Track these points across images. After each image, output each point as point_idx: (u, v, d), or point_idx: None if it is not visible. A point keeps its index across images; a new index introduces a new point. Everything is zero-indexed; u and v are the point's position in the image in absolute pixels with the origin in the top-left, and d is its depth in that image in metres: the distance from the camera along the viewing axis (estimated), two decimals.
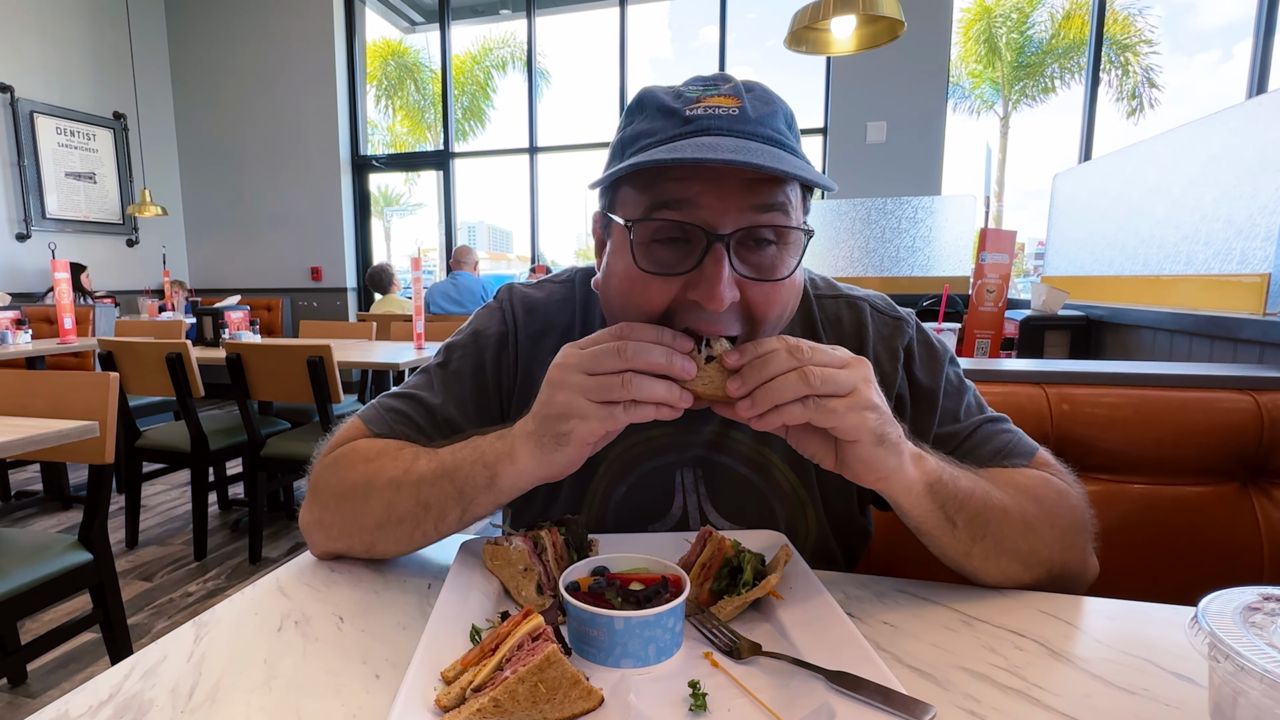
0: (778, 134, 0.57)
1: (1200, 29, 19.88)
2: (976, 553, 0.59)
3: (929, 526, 0.58)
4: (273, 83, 6.09)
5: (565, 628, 0.50)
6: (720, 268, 0.54)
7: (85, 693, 0.46)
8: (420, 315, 3.01)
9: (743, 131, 0.56)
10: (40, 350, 3.18)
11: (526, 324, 0.75)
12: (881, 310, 0.74)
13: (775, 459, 0.72)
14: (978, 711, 0.44)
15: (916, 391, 0.71)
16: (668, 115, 0.58)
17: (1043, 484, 0.64)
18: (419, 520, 0.62)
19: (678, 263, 0.57)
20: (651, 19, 17.93)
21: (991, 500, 0.59)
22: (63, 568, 1.49)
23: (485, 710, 0.40)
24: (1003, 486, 0.61)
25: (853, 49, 2.43)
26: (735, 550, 0.56)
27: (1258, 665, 0.31)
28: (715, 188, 0.55)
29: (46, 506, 3.22)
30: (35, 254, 5.15)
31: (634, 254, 0.58)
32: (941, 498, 0.57)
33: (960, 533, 0.58)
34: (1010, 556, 0.60)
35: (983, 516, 0.58)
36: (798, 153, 0.59)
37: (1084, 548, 0.64)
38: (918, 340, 0.73)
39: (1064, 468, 0.69)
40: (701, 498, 0.72)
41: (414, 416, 0.71)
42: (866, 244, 4.65)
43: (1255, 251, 1.79)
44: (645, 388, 0.51)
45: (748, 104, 0.57)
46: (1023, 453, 0.69)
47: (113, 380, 1.51)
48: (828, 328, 0.74)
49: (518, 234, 37.28)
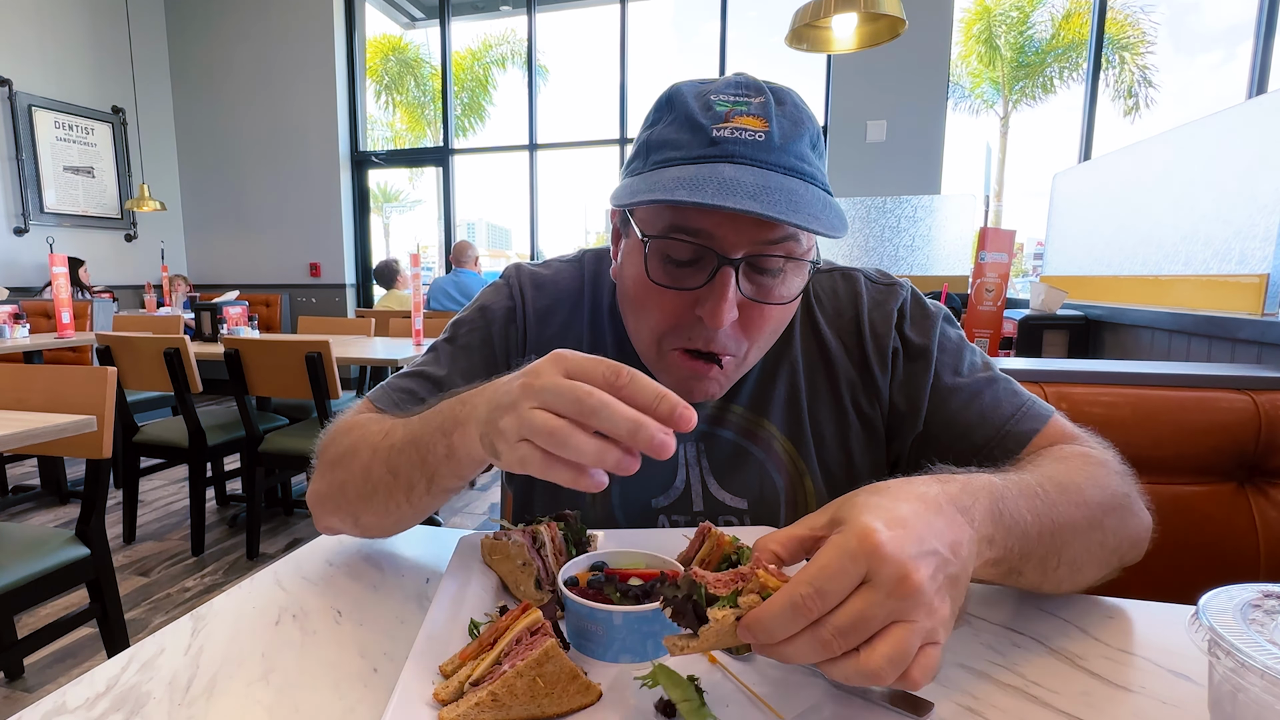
0: (801, 161, 0.58)
1: (1203, 30, 19.87)
2: (1049, 583, 0.54)
3: (986, 580, 0.51)
4: (272, 78, 6.08)
5: (564, 623, 0.50)
6: (726, 289, 0.57)
7: (82, 685, 0.46)
8: (419, 311, 3.01)
9: (765, 162, 0.57)
10: (38, 345, 3.17)
11: (535, 299, 0.76)
12: (875, 280, 0.75)
13: (774, 430, 0.72)
14: (976, 709, 0.44)
15: (910, 348, 0.71)
16: (695, 130, 0.58)
17: (1084, 463, 0.59)
18: (391, 490, 0.59)
19: (687, 279, 0.59)
20: (652, 16, 17.92)
21: (1059, 525, 0.51)
22: (60, 562, 1.48)
23: (483, 704, 0.40)
24: (1058, 493, 0.53)
25: (854, 47, 2.43)
26: (734, 546, 0.56)
27: (1258, 661, 0.31)
28: (731, 221, 0.57)
29: (44, 501, 3.22)
30: (33, 248, 5.14)
31: (646, 265, 0.60)
32: (1006, 566, 0.49)
33: (1029, 576, 0.52)
34: (1087, 567, 0.55)
35: (1054, 551, 0.51)
36: (818, 180, 0.59)
37: (1140, 510, 0.60)
38: (911, 301, 0.73)
39: (1082, 430, 0.66)
40: (704, 471, 0.72)
41: (420, 393, 0.72)
42: (866, 242, 4.65)
43: (1254, 252, 1.79)
44: (576, 447, 0.41)
45: (775, 128, 0.58)
46: (1039, 414, 0.66)
47: (110, 375, 1.51)
48: (823, 300, 0.75)
49: (517, 231, 37.30)
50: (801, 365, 0.72)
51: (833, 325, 0.73)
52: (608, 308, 0.76)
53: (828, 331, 0.73)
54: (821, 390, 0.72)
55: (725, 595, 0.38)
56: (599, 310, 0.76)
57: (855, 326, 0.72)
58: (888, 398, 0.71)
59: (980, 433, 0.66)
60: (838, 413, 0.72)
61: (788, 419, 0.71)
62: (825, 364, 0.72)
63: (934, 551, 0.38)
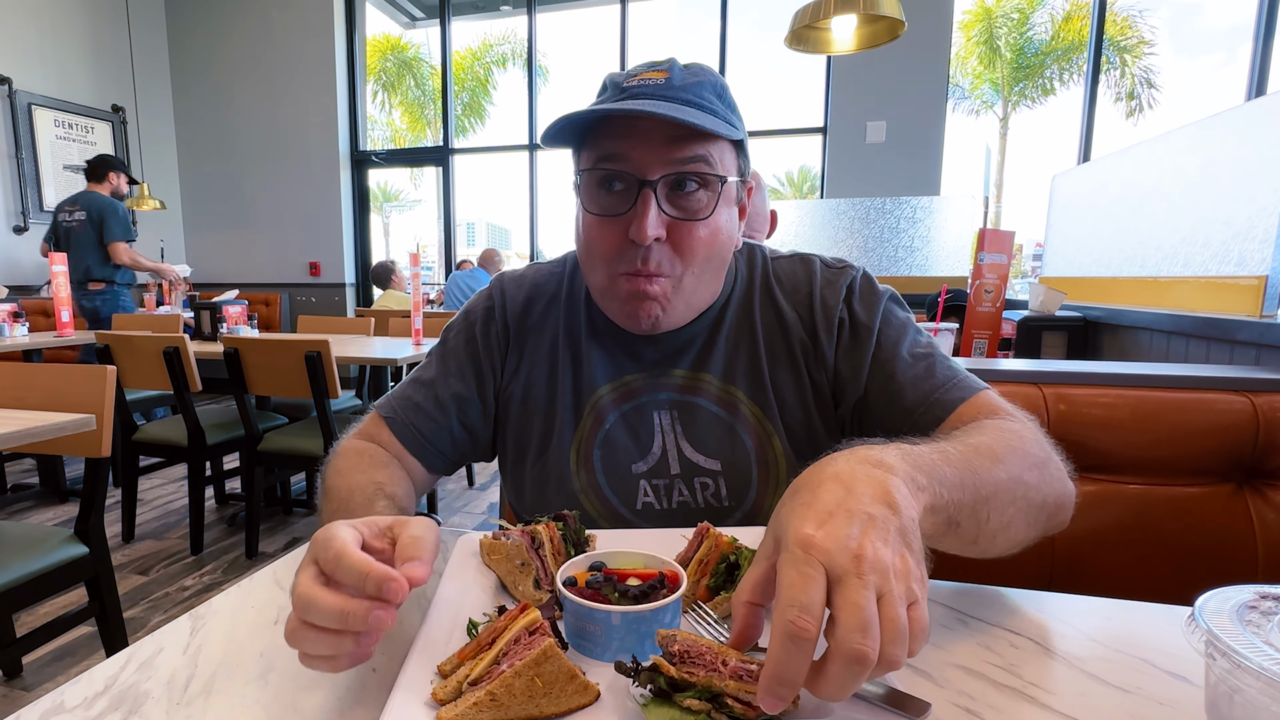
0: (698, 99, 0.67)
1: (1205, 31, 19.87)
2: (983, 540, 0.55)
3: (933, 544, 0.51)
4: (272, 77, 6.07)
5: (562, 623, 0.50)
6: (647, 205, 0.66)
7: (81, 684, 0.46)
8: (419, 311, 3.01)
9: (664, 96, 0.66)
10: (37, 343, 3.17)
11: (514, 296, 0.84)
12: (829, 264, 0.81)
13: (740, 395, 0.77)
14: (973, 709, 0.44)
15: (855, 321, 0.76)
16: (613, 88, 0.70)
17: (999, 431, 0.61)
18: None
19: (617, 205, 0.68)
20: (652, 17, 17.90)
21: (982, 481, 0.53)
22: (59, 560, 1.48)
23: (482, 704, 0.40)
24: (972, 452, 0.55)
25: (853, 48, 2.43)
26: (733, 546, 0.56)
27: (1254, 663, 0.31)
28: (643, 143, 0.66)
29: (43, 499, 3.21)
30: (32, 246, 5.13)
31: (584, 202, 0.70)
32: (944, 515, 0.50)
33: (965, 529, 0.52)
34: (1015, 528, 0.56)
35: (982, 504, 0.52)
36: (717, 113, 0.68)
37: (1061, 474, 0.61)
38: (860, 279, 0.79)
39: (1012, 406, 0.69)
40: (679, 436, 0.77)
41: (417, 399, 0.79)
42: (865, 243, 4.66)
43: (1253, 254, 1.79)
44: (311, 643, 0.42)
45: (675, 75, 0.68)
46: (968, 387, 0.70)
47: (110, 373, 1.51)
48: (782, 279, 0.81)
49: (516, 231, 37.32)
50: (762, 336, 0.78)
51: (789, 299, 0.80)
52: (584, 294, 0.82)
53: (785, 305, 0.79)
54: (781, 357, 0.78)
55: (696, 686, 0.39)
56: (575, 297, 0.83)
57: (809, 301, 0.78)
58: (833, 364, 0.76)
59: (910, 397, 0.71)
60: (795, 377, 0.77)
61: (752, 384, 0.77)
62: (783, 333, 0.78)
63: (869, 517, 0.39)
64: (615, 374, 0.79)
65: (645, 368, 0.78)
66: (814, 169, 7.77)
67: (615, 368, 0.79)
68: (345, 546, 0.42)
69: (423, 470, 0.79)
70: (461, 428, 0.80)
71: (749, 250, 0.85)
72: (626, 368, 0.79)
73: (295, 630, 0.42)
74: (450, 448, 0.80)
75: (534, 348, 0.81)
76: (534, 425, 0.80)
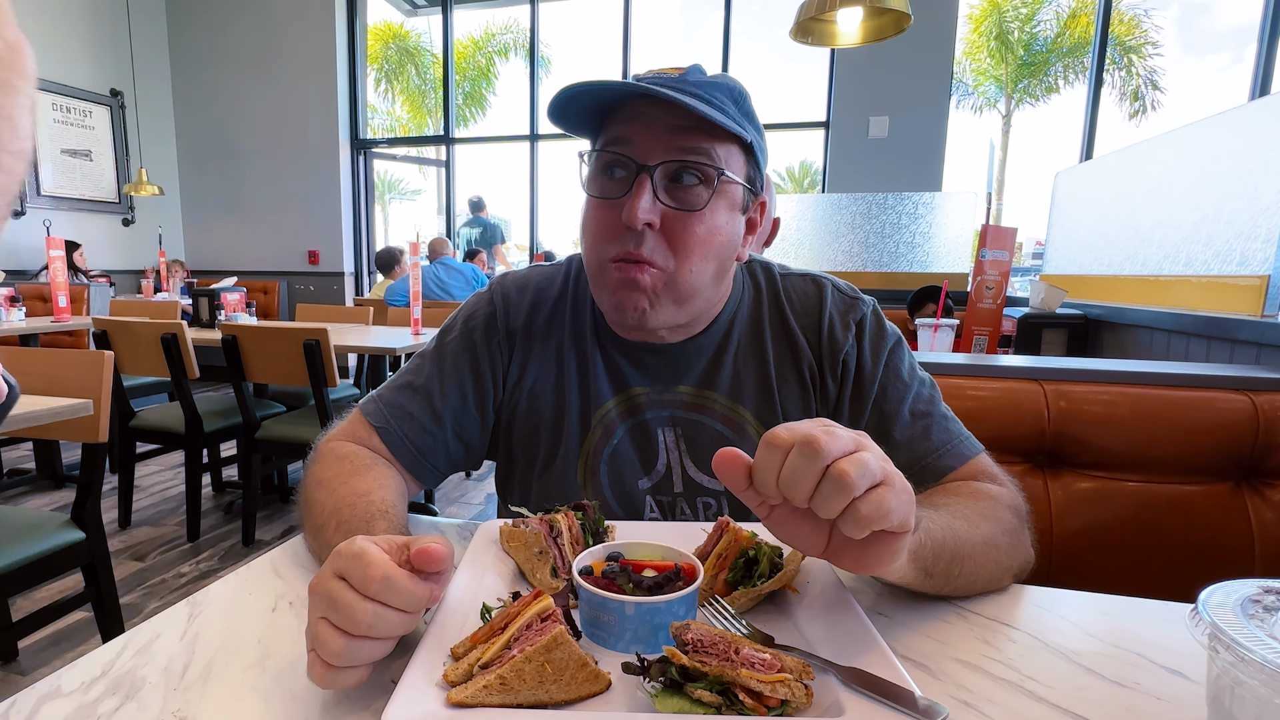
0: (709, 96, 0.66)
1: (1212, 31, 19.78)
2: (948, 589, 0.57)
3: (905, 582, 0.54)
4: (273, 63, 6.03)
5: (577, 611, 0.50)
6: (642, 189, 0.65)
7: (78, 669, 0.46)
8: (418, 300, 3.00)
9: (674, 86, 0.65)
10: (34, 328, 3.16)
11: (516, 301, 0.81)
12: (842, 290, 0.80)
13: (747, 414, 0.76)
14: (971, 702, 0.44)
15: (861, 366, 0.76)
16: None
17: (977, 497, 0.65)
18: (317, 556, 0.63)
19: (616, 189, 0.68)
20: (656, 8, 17.78)
21: (961, 541, 0.56)
22: (55, 546, 1.48)
23: (491, 687, 0.40)
24: (965, 516, 0.59)
25: (858, 42, 2.41)
26: (752, 541, 0.56)
27: (1258, 655, 0.31)
28: (648, 129, 0.66)
29: (39, 485, 3.21)
30: (30, 231, 5.11)
31: (584, 184, 0.71)
32: (920, 560, 0.52)
33: (936, 579, 0.55)
34: (979, 582, 0.59)
35: (956, 561, 0.55)
36: (727, 113, 0.66)
37: (1026, 543, 0.65)
38: (870, 317, 0.78)
39: (1001, 472, 0.71)
40: (683, 454, 0.76)
41: (409, 406, 0.76)
42: (866, 239, 4.64)
43: (1255, 253, 1.79)
44: (333, 651, 0.41)
45: (691, 73, 0.68)
46: (960, 453, 0.71)
47: (107, 359, 1.50)
48: (794, 299, 0.80)
49: (517, 222, 37.21)
50: (772, 356, 0.78)
51: (800, 321, 0.79)
52: (589, 299, 0.80)
53: (795, 326, 0.78)
54: (790, 380, 0.77)
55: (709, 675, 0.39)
56: (580, 302, 0.81)
57: (818, 327, 0.78)
58: (834, 402, 0.76)
59: (903, 457, 0.71)
60: (804, 402, 0.77)
61: (760, 404, 0.77)
62: (793, 356, 0.78)
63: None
64: (621, 387, 0.78)
65: (651, 381, 0.77)
66: (815, 164, 7.74)
67: (621, 380, 0.78)
68: (388, 564, 0.42)
69: (414, 482, 0.77)
70: (457, 440, 0.77)
71: (758, 265, 0.83)
72: (633, 380, 0.77)
73: (319, 633, 0.41)
74: (444, 462, 0.78)
75: (539, 355, 0.79)
76: (540, 436, 0.78)
